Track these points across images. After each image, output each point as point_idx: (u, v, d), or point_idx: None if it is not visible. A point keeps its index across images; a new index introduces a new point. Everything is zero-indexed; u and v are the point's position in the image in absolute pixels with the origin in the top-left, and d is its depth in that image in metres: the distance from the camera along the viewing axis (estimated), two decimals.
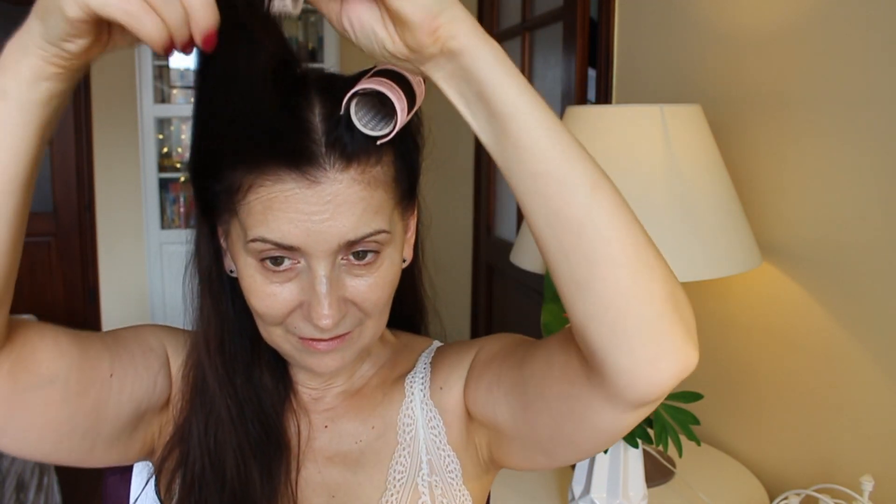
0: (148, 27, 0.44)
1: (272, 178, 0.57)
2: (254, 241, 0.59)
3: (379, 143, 0.58)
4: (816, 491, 1.06)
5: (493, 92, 0.49)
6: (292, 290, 0.61)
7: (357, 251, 0.61)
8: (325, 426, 0.74)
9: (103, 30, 0.48)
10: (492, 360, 0.69)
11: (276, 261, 0.60)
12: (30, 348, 0.58)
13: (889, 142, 1.07)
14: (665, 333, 0.52)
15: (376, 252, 0.62)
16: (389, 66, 0.56)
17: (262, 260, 0.60)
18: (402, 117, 0.56)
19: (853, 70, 1.13)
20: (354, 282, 0.62)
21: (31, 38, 0.47)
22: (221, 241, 0.67)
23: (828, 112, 1.17)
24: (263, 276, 0.61)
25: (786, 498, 1.08)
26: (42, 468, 2.41)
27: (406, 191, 0.65)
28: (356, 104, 0.57)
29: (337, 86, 0.59)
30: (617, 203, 0.51)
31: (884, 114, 1.08)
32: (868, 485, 1.00)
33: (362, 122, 0.57)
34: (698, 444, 1.09)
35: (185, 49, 0.46)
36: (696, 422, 1.05)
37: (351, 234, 0.59)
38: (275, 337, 0.65)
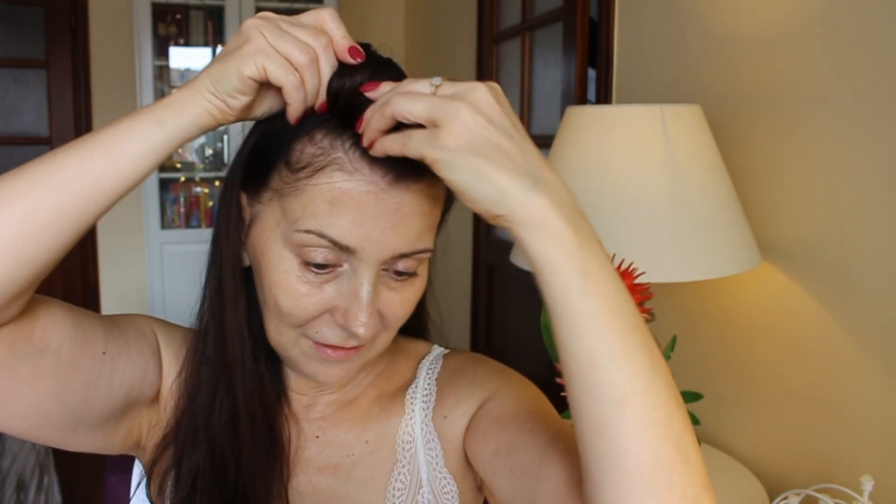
0: (297, 99, 0.54)
1: (356, 164, 0.55)
2: (307, 232, 0.56)
3: None
4: (816, 491, 1.06)
5: (542, 282, 0.48)
6: (328, 294, 0.58)
7: (399, 267, 0.59)
8: (317, 436, 0.71)
9: (259, 95, 0.57)
10: (504, 423, 0.64)
11: (319, 262, 0.57)
12: (29, 317, 0.56)
13: (889, 141, 1.07)
14: None
15: (414, 269, 0.60)
16: None
17: (304, 256, 0.57)
18: None
19: (853, 70, 1.13)
20: (389, 295, 0.60)
21: (199, 91, 0.54)
22: (245, 218, 0.63)
23: (828, 112, 1.17)
24: (300, 273, 0.58)
25: (786, 498, 1.08)
26: (42, 468, 2.41)
27: (447, 207, 0.64)
28: None
29: None
30: (646, 422, 0.47)
31: (884, 113, 1.08)
32: (868, 485, 1.00)
33: None
34: (698, 443, 1.09)
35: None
36: (696, 422, 1.05)
37: (406, 247, 0.57)
38: (285, 338, 0.62)
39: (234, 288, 0.64)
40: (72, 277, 3.84)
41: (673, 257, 1.12)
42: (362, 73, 0.56)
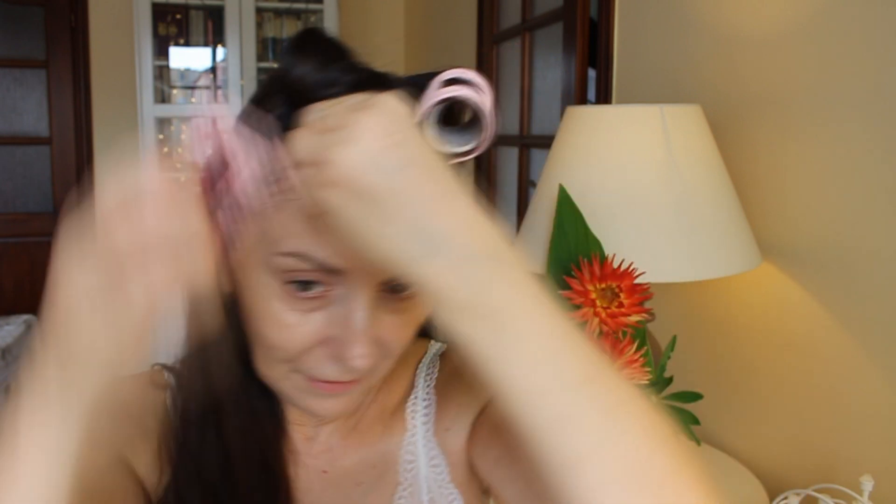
0: None
1: None
2: (289, 254, 0.48)
3: (461, 160, 0.48)
4: (816, 491, 1.06)
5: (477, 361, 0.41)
6: (319, 323, 0.50)
7: (399, 283, 0.50)
8: (324, 471, 0.64)
9: None
10: (503, 430, 0.58)
11: (306, 285, 0.49)
12: None
13: (889, 142, 1.07)
14: None
15: None
16: (457, 73, 0.49)
17: (288, 283, 0.49)
18: (490, 132, 0.47)
19: (853, 70, 1.13)
20: (389, 318, 0.52)
21: None
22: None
23: (828, 112, 1.17)
24: (285, 301, 0.49)
25: (786, 498, 1.08)
26: None
27: None
28: (432, 115, 0.47)
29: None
30: (610, 479, 0.39)
31: (884, 113, 1.08)
32: (868, 485, 1.00)
33: (444, 136, 0.47)
34: (698, 444, 1.09)
35: None
36: (696, 422, 1.05)
37: None
38: (275, 372, 0.54)
39: (229, 318, 0.54)
40: None
41: (673, 257, 1.12)
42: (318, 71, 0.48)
